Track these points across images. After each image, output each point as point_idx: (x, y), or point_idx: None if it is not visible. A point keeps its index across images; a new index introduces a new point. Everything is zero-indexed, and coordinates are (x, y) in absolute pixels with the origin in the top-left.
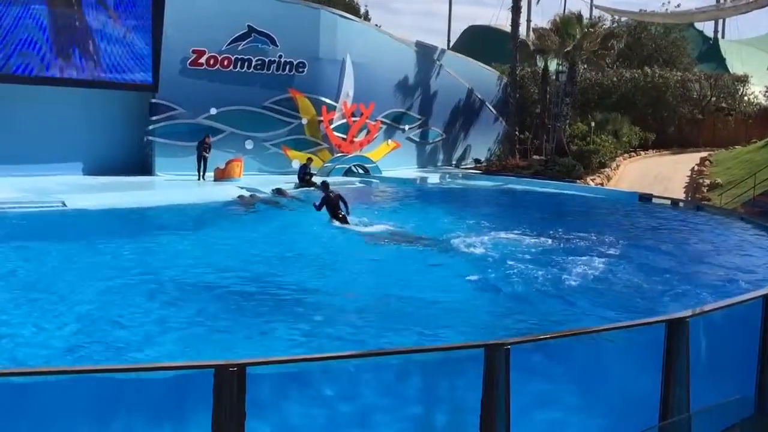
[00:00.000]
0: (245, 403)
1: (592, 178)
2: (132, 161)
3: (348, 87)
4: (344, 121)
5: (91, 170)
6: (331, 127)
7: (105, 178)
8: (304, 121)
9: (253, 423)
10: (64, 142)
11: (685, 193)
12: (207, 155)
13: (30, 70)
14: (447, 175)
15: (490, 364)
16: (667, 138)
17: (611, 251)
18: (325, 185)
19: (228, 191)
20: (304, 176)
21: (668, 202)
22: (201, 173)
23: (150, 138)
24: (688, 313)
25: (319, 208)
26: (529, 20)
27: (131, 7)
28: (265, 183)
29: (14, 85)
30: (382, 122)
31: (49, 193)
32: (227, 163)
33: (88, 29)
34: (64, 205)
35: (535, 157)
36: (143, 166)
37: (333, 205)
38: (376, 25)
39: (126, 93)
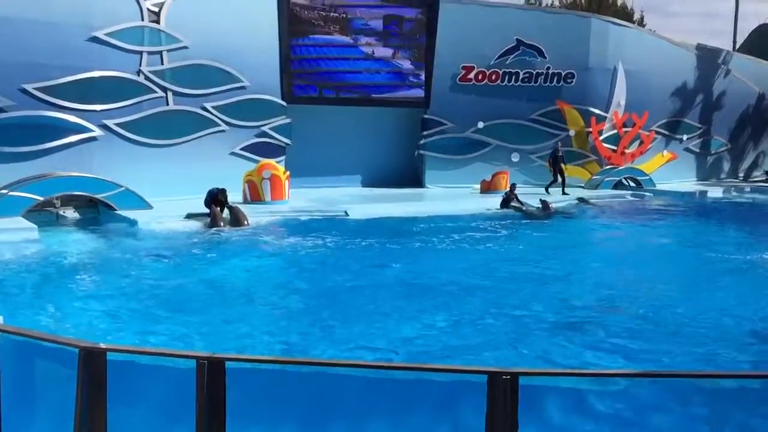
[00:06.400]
0: (517, 412)
1: None
2: (404, 174)
3: (619, 96)
4: (615, 131)
5: (367, 182)
6: (601, 138)
7: (380, 189)
8: (572, 132)
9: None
10: (346, 156)
11: None
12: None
13: (314, 91)
14: (732, 189)
15: None
16: None
17: None
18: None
19: (494, 202)
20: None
21: None
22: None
23: (421, 152)
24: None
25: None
26: None
27: (406, 30)
28: (531, 195)
29: (304, 106)
30: (657, 132)
31: (335, 203)
32: (493, 176)
33: (365, 54)
34: (347, 214)
35: None
36: (414, 179)
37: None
38: (651, 30)
39: (399, 110)
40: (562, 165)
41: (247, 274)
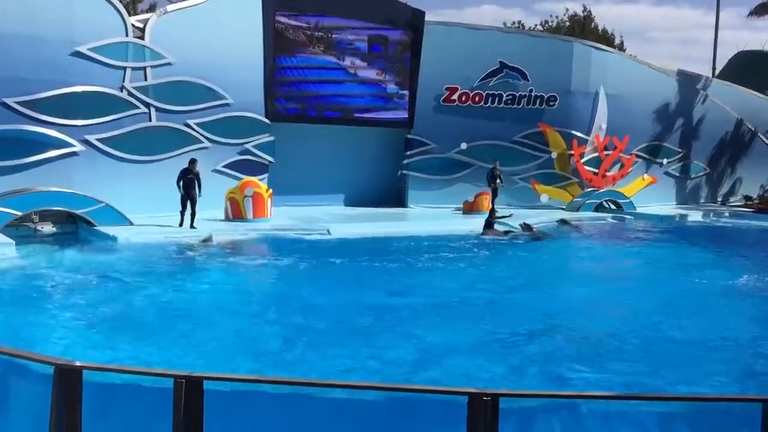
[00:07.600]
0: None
1: None
2: (387, 193)
3: (601, 120)
4: (596, 154)
5: (350, 201)
6: (582, 161)
7: (363, 209)
8: (554, 155)
9: None
10: (329, 175)
11: None
12: None
13: (298, 109)
14: (711, 213)
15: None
16: None
17: None
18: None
19: (476, 223)
20: None
21: None
22: None
23: (404, 172)
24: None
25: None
26: None
27: (391, 51)
28: (515, 217)
29: (288, 125)
30: (637, 156)
31: (317, 222)
32: (476, 197)
33: (350, 73)
34: (329, 232)
35: None
36: (397, 198)
37: None
38: (632, 55)
39: (383, 130)
40: (498, 183)
41: (219, 292)
